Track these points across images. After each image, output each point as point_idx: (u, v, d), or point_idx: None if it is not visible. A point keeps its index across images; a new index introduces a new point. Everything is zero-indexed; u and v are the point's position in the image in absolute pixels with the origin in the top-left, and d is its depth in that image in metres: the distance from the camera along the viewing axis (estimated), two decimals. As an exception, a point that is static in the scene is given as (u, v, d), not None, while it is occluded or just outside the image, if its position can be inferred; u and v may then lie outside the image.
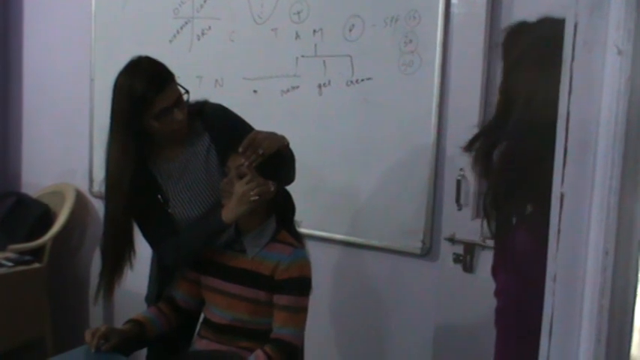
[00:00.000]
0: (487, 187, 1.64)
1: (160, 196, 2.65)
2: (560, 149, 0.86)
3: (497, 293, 1.76)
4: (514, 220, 1.62)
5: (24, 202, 4.70)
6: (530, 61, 1.57)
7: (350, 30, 3.36)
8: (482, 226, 1.64)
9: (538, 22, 1.66)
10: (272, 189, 2.47)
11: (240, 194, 2.43)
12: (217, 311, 2.59)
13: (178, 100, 2.52)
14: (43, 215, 4.61)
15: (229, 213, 2.46)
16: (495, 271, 1.78)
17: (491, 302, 3.02)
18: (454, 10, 3.10)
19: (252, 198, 2.42)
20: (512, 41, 1.62)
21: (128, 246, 2.62)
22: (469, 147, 1.67)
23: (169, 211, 2.64)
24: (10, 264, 3.86)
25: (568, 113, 0.81)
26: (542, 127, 1.26)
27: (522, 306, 1.58)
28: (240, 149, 2.45)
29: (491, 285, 3.01)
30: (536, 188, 1.41)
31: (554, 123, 0.85)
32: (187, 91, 2.56)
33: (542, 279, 0.93)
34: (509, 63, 1.62)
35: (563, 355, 0.82)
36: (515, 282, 1.62)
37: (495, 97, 2.99)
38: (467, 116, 3.06)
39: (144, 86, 2.44)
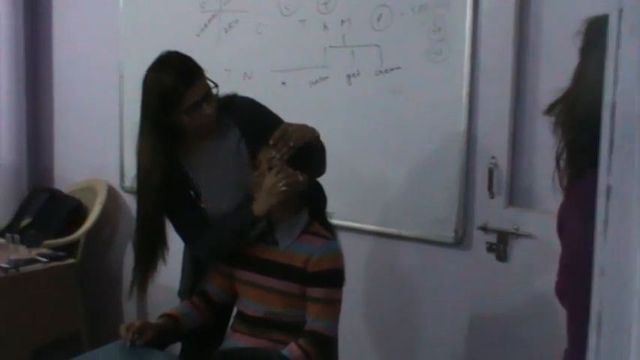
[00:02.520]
0: (560, 143, 1.70)
1: (191, 192, 2.65)
2: (605, 140, 0.83)
3: (565, 245, 1.78)
4: (586, 172, 1.67)
5: (57, 198, 4.74)
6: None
7: (378, 19, 3.34)
8: (553, 179, 1.69)
9: None
10: (300, 179, 2.45)
11: (269, 186, 2.42)
12: (250, 304, 2.59)
13: (207, 95, 2.52)
14: (76, 211, 4.64)
15: (260, 206, 2.46)
16: (561, 227, 1.81)
17: (526, 291, 3.01)
18: (483, -4, 3.07)
19: (282, 189, 2.41)
20: (593, 19, 1.68)
21: (161, 241, 2.63)
22: (549, 110, 1.73)
23: (201, 205, 2.64)
24: (44, 260, 3.88)
25: (614, 103, 0.79)
26: None
27: (590, 249, 1.63)
28: (271, 142, 2.44)
29: (526, 273, 3.00)
30: None
31: None
32: (216, 85, 2.56)
33: None
34: (588, 36, 1.67)
35: (614, 350, 0.80)
36: (585, 228, 1.65)
37: (528, 83, 2.99)
38: (498, 104, 3.04)
39: (173, 81, 2.45)
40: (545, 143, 2.90)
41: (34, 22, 5.03)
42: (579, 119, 1.64)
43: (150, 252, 2.63)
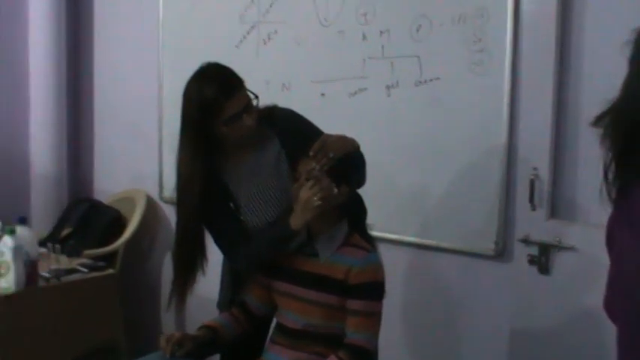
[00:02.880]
0: (608, 155, 1.68)
1: (230, 203, 2.65)
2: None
3: (613, 259, 1.76)
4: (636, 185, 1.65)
5: (96, 208, 4.78)
6: None
7: (417, 30, 3.33)
8: (600, 192, 1.67)
9: None
10: (335, 191, 2.44)
11: (304, 200, 2.41)
12: (290, 316, 2.58)
13: (248, 106, 2.52)
14: (115, 221, 4.68)
15: (296, 220, 2.45)
16: (610, 240, 1.79)
17: (570, 305, 2.97)
18: (524, 6, 3.03)
19: (316, 203, 2.40)
20: None
21: (200, 252, 2.63)
22: (597, 122, 1.71)
23: (241, 217, 2.64)
24: (85, 270, 3.91)
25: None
26: None
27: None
28: (311, 153, 2.44)
29: (569, 287, 2.96)
30: None
31: None
32: (257, 97, 2.56)
33: None
34: (638, 45, 1.66)
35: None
36: (635, 243, 1.63)
37: (570, 93, 2.95)
38: (539, 114, 3.01)
39: (213, 92, 2.45)
40: (587, 154, 2.88)
41: (76, 34, 5.10)
42: (628, 131, 1.61)
43: (189, 263, 2.63)
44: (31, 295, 3.60)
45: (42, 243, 4.03)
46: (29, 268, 3.52)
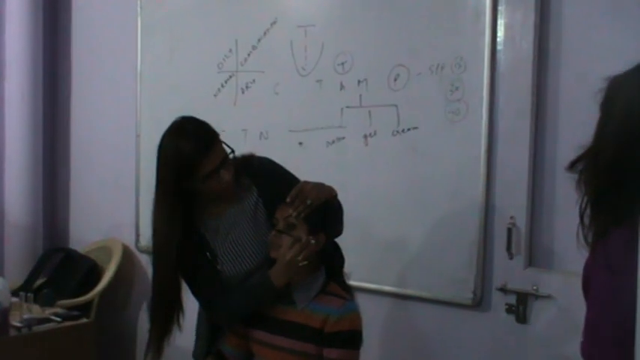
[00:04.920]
0: (584, 199, 1.69)
1: (207, 253, 2.62)
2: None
3: (590, 304, 1.75)
4: (611, 230, 1.66)
5: (72, 257, 4.73)
6: (629, 83, 1.66)
7: (395, 79, 3.35)
8: (577, 236, 1.67)
9: None
10: (313, 243, 2.42)
11: (287, 261, 2.40)
12: (267, 366, 2.55)
13: (224, 161, 2.49)
14: (91, 271, 4.62)
15: (279, 278, 2.44)
16: (586, 285, 1.79)
17: (547, 354, 2.95)
18: (500, 55, 3.07)
19: (301, 263, 2.40)
20: (614, 77, 1.69)
21: (177, 307, 2.58)
22: (572, 167, 1.72)
23: (218, 268, 2.60)
24: (58, 319, 3.86)
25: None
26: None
27: (617, 308, 1.61)
28: (288, 199, 2.42)
29: (547, 335, 2.95)
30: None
31: None
32: (233, 151, 2.54)
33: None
34: (609, 92, 1.68)
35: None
36: (611, 287, 1.63)
37: (546, 141, 2.97)
38: (516, 163, 3.03)
39: (189, 151, 2.41)
40: (564, 202, 2.89)
41: (53, 83, 5.10)
42: (603, 174, 1.63)
43: (166, 317, 2.58)
44: (2, 345, 3.54)
45: (15, 293, 3.98)
46: (0, 317, 3.46)
